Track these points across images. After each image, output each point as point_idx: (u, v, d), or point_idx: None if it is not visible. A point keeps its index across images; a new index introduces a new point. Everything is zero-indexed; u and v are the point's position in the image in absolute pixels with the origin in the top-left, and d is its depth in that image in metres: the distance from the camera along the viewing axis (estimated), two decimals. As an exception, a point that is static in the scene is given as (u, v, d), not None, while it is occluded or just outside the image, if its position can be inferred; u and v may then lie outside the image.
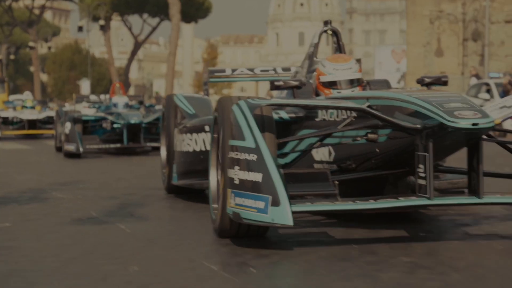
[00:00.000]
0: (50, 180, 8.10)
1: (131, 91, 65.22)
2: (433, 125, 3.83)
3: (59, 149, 13.50)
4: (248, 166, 3.81)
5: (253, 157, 3.81)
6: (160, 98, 36.89)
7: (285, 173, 3.98)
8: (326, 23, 5.76)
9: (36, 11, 56.14)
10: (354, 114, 4.34)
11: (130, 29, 53.70)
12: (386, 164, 4.40)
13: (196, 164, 5.68)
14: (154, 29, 52.73)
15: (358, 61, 5.53)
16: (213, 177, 4.56)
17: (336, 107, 4.22)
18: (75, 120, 12.52)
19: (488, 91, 19.63)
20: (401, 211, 4.76)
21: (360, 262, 3.53)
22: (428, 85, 4.56)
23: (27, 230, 4.67)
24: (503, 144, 4.52)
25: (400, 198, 3.94)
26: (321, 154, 4.76)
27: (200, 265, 3.52)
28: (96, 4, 47.83)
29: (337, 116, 4.51)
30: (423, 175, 3.88)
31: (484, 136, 4.17)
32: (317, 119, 4.73)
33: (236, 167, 3.87)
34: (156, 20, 51.69)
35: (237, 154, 3.90)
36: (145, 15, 51.48)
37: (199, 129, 5.68)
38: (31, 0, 55.97)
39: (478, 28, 27.77)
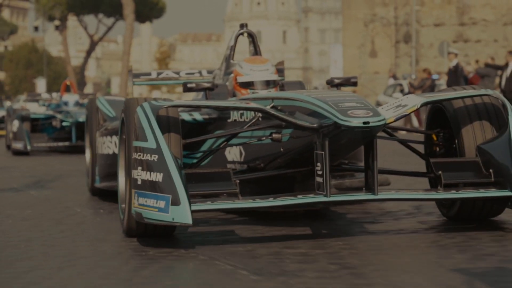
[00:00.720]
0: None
1: (88, 89, 66.52)
2: (329, 124, 3.91)
3: (9, 147, 13.70)
4: (149, 166, 3.90)
5: (154, 157, 3.90)
6: (111, 97, 38.20)
7: (188, 173, 4.07)
8: (242, 26, 5.84)
9: (-7, 10, 57.09)
10: (260, 114, 4.44)
11: (85, 28, 55.10)
12: (291, 162, 4.52)
13: (116, 167, 5.50)
14: (109, 29, 54.20)
15: (281, 63, 6.04)
16: (122, 178, 4.65)
17: (236, 107, 4.39)
18: (23, 118, 12.80)
19: (402, 91, 21.83)
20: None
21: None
22: (337, 85, 4.73)
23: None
24: (404, 143, 4.60)
25: (299, 196, 4.05)
26: (233, 154, 4.91)
27: (75, 212, 5.41)
28: (51, 4, 49.05)
29: (247, 118, 4.63)
30: (320, 172, 3.99)
31: (386, 135, 4.50)
32: (229, 120, 4.87)
33: (139, 168, 3.96)
34: (112, 20, 53.07)
35: (140, 155, 3.98)
36: (101, 15, 52.81)
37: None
38: (-12, -1, 56.85)
39: (409, 31, 29.42)
